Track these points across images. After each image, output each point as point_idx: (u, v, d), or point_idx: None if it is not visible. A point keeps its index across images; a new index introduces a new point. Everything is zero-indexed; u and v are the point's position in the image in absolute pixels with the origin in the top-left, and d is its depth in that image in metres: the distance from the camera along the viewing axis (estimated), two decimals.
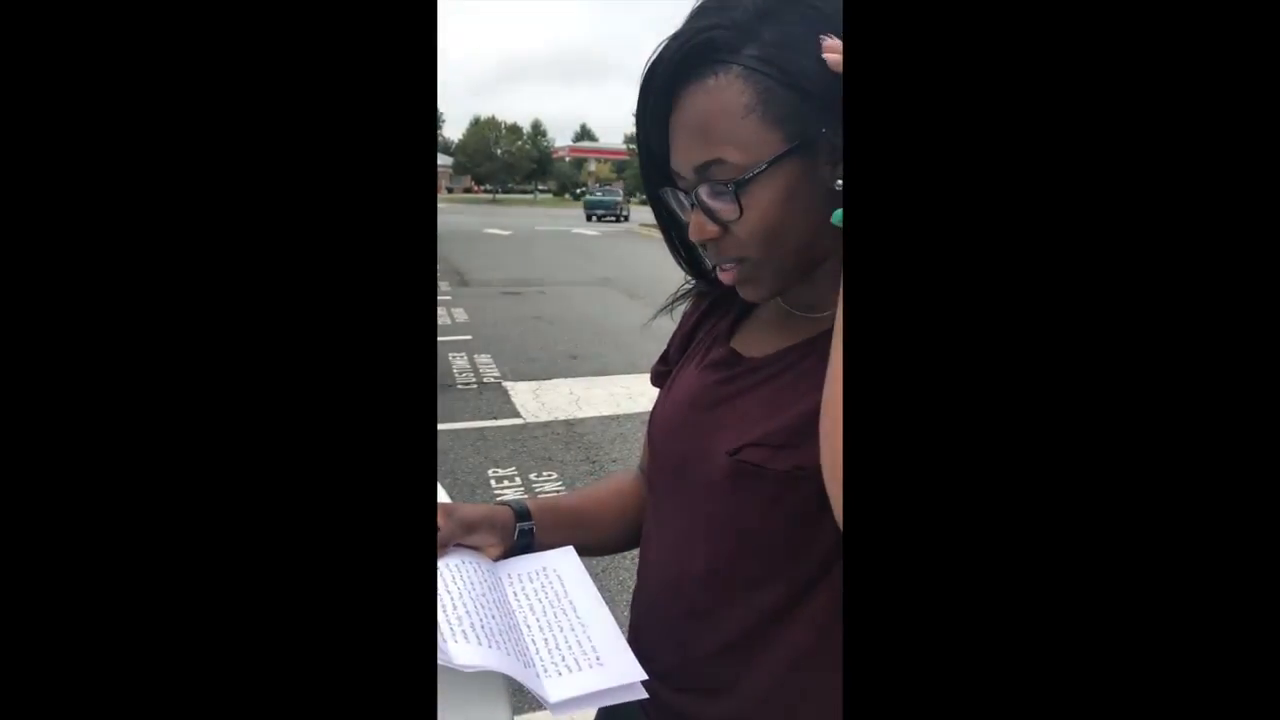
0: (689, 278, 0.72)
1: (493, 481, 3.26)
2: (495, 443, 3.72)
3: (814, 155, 0.53)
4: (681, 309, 0.76)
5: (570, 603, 0.66)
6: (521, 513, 0.72)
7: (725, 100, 0.52)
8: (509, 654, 0.58)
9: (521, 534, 0.71)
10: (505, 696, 0.61)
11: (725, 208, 0.54)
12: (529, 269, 10.76)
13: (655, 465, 0.70)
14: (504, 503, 0.73)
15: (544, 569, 0.70)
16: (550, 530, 0.73)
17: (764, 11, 0.52)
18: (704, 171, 0.54)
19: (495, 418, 4.09)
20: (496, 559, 0.70)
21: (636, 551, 0.76)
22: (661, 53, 0.55)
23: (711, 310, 0.73)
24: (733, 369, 0.65)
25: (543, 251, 13.78)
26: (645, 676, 0.60)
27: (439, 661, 0.54)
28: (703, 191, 0.55)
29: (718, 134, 0.53)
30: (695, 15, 0.55)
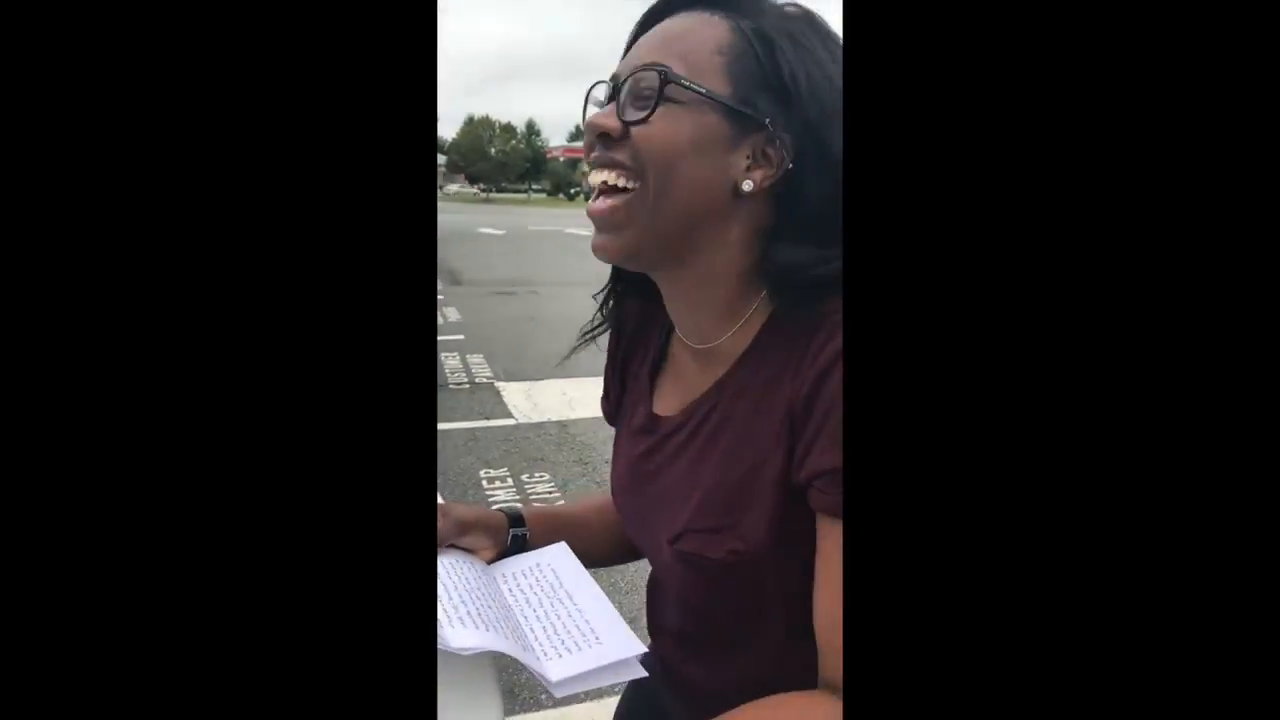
0: (594, 320, 0.70)
1: (485, 482, 3.25)
2: (487, 443, 3.72)
3: (742, 134, 0.52)
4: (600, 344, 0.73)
5: (566, 592, 0.67)
6: (515, 518, 0.72)
7: (704, 31, 0.53)
8: (507, 637, 0.59)
9: (515, 539, 0.72)
10: (497, 698, 0.61)
11: (634, 106, 0.52)
12: (522, 269, 10.75)
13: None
14: (498, 508, 0.73)
15: (538, 565, 0.70)
16: (542, 538, 0.74)
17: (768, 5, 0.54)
18: (639, 71, 0.52)
19: (487, 418, 4.09)
20: (489, 562, 0.70)
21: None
22: None
23: (630, 352, 0.72)
24: (652, 436, 0.64)
25: (536, 251, 13.78)
26: (644, 650, 0.60)
27: (437, 647, 0.54)
28: (627, 87, 0.53)
29: (677, 46, 0.52)
30: None
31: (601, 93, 0.57)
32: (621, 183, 0.53)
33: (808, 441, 0.50)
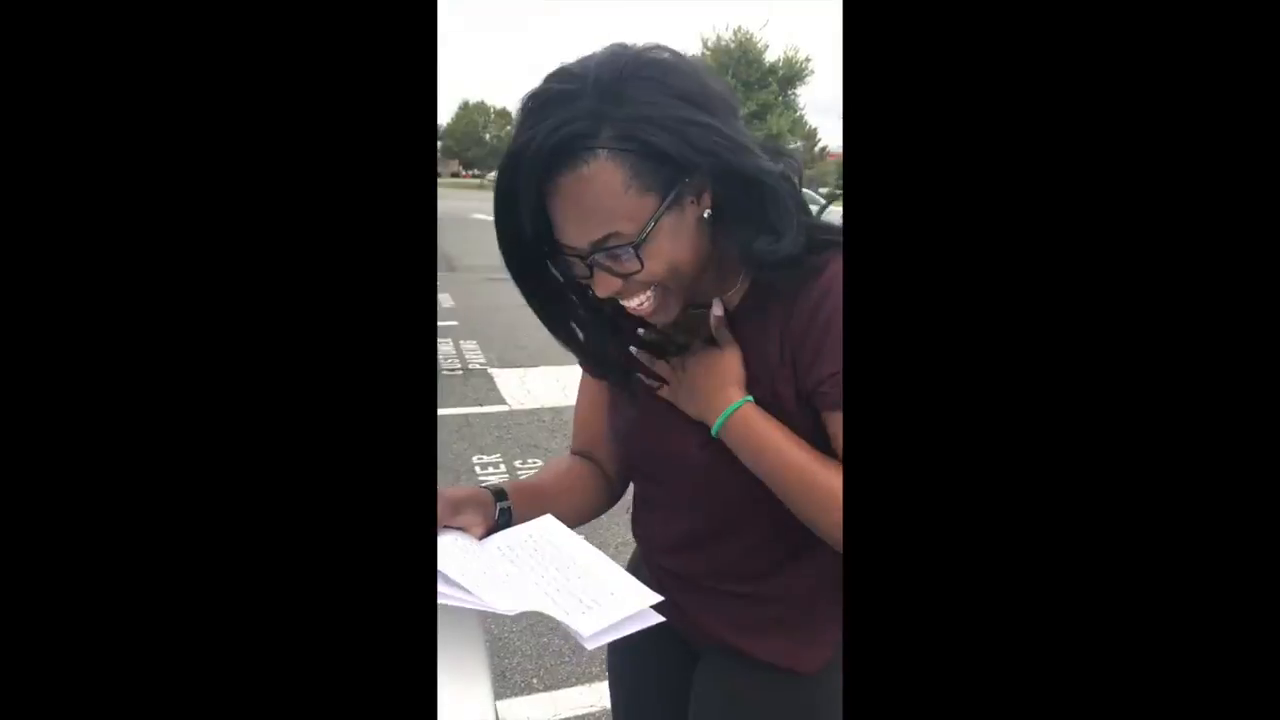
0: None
1: (477, 468, 3.26)
2: (480, 429, 3.72)
3: (681, 201, 0.64)
4: None
5: (568, 558, 0.70)
6: (499, 493, 0.77)
7: (604, 183, 0.61)
8: (541, 596, 0.63)
9: (501, 513, 0.76)
10: (487, 678, 0.62)
11: (627, 266, 0.64)
12: None
13: (629, 460, 0.83)
14: (482, 486, 0.77)
15: (531, 537, 0.73)
16: (523, 508, 0.78)
17: (606, 93, 0.60)
18: (603, 245, 0.63)
19: (481, 404, 4.08)
20: (480, 538, 0.72)
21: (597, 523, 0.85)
22: (523, 150, 0.61)
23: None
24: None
25: None
26: (659, 599, 0.66)
27: (479, 609, 0.60)
28: (601, 258, 0.64)
29: (606, 213, 0.62)
30: (539, 110, 0.61)
31: (567, 260, 0.67)
32: (647, 292, 0.67)
33: (808, 359, 0.67)
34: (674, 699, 0.85)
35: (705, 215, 0.66)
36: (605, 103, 0.60)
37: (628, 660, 0.91)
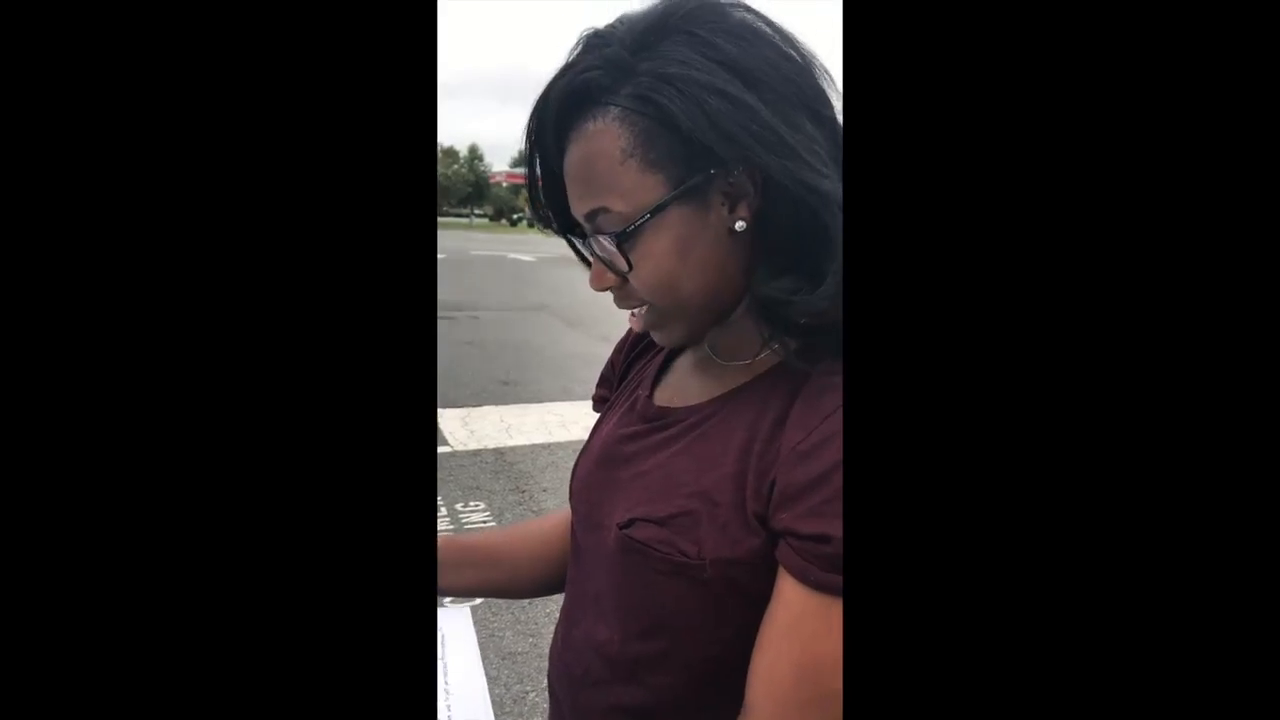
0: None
1: None
2: None
3: (704, 198, 0.50)
4: None
5: (444, 664, 0.65)
6: None
7: (603, 145, 0.50)
8: None
9: None
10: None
11: (618, 259, 0.52)
12: (462, 293, 10.64)
13: (573, 519, 0.66)
14: None
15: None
16: (455, 568, 0.70)
17: (639, 44, 0.49)
18: (593, 220, 0.52)
19: None
20: None
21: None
22: (543, 101, 0.52)
23: (647, 343, 0.70)
24: (644, 423, 0.61)
25: (478, 276, 13.65)
26: None
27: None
28: (597, 242, 0.53)
29: (598, 182, 0.51)
30: (575, 52, 0.52)
31: (580, 241, 0.57)
32: (644, 307, 0.56)
33: (793, 494, 0.48)
34: None
35: (738, 227, 0.51)
36: (635, 54, 0.49)
37: None
